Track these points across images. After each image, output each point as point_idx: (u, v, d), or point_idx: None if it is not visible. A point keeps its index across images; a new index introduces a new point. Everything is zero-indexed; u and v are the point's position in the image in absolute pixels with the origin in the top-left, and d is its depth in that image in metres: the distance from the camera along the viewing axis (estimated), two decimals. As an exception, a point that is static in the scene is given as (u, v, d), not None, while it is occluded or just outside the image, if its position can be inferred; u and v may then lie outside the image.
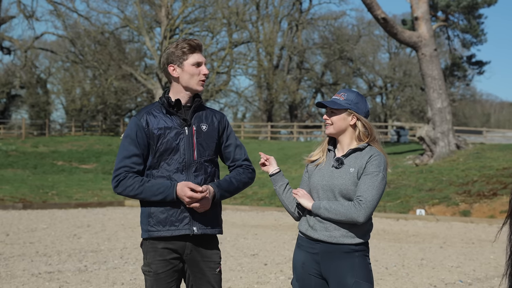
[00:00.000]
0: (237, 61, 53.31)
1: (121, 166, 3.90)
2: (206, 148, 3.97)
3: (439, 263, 10.26)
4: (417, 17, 25.54)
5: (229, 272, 9.19)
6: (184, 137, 3.92)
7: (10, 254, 10.56)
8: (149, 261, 3.91)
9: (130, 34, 52.52)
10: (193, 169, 3.92)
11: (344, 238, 3.75)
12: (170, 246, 3.90)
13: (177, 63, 3.94)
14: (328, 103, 3.88)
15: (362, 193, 3.72)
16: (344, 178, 3.81)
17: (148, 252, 3.93)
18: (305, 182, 3.97)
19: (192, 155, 3.92)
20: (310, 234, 3.82)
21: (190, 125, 3.95)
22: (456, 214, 18.20)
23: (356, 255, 3.76)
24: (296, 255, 3.92)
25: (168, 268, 3.90)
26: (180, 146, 3.91)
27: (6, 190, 22.35)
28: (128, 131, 3.93)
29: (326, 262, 3.77)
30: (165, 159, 3.90)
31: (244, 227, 15.54)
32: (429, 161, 24.87)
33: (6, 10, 50.95)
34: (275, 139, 49.66)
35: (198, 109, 4.03)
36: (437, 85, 25.31)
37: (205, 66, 3.99)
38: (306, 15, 56.35)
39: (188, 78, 3.94)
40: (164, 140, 3.89)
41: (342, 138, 3.92)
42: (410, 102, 59.14)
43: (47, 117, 54.87)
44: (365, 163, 3.81)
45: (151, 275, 3.90)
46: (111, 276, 8.74)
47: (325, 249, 3.77)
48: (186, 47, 3.94)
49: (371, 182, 3.74)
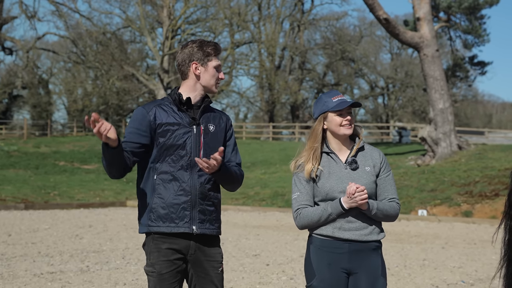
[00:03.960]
0: (239, 61, 53.32)
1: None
2: (212, 148, 3.99)
3: (441, 264, 10.25)
4: (419, 17, 25.53)
5: (231, 272, 9.18)
6: (192, 136, 3.95)
7: (12, 255, 10.57)
8: (153, 262, 3.90)
9: (132, 34, 52.59)
10: (197, 168, 3.93)
11: (372, 235, 3.87)
12: (174, 247, 3.90)
13: (201, 62, 4.00)
14: (356, 103, 3.93)
15: (394, 195, 3.93)
16: (365, 178, 3.86)
17: (152, 252, 3.92)
18: (307, 190, 3.90)
19: (198, 155, 3.94)
20: (338, 235, 3.83)
21: (198, 124, 3.99)
22: (458, 214, 18.19)
23: (379, 252, 3.92)
24: (316, 258, 3.89)
25: (172, 268, 3.89)
26: (187, 144, 3.93)
27: (8, 191, 22.37)
28: (133, 120, 3.97)
29: (356, 260, 3.84)
30: (170, 154, 3.92)
31: (246, 228, 15.54)
32: (431, 161, 24.86)
33: (8, 11, 51.03)
34: (276, 140, 49.67)
35: (207, 109, 4.07)
36: (439, 86, 25.29)
37: (221, 71, 4.11)
38: (308, 15, 56.34)
39: (209, 78, 4.01)
40: (172, 135, 3.92)
41: (348, 138, 3.95)
42: (412, 103, 59.12)
43: (49, 117, 54.93)
44: (379, 161, 3.93)
45: (154, 276, 3.89)
46: (113, 277, 8.75)
47: (355, 247, 3.84)
48: (212, 49, 4.02)
49: (393, 182, 3.95)
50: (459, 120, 58.36)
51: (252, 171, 28.52)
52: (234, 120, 61.91)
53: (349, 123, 3.89)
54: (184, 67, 4.02)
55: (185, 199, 3.89)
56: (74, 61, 51.93)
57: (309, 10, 56.60)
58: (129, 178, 28.29)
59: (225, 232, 14.34)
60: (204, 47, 4.00)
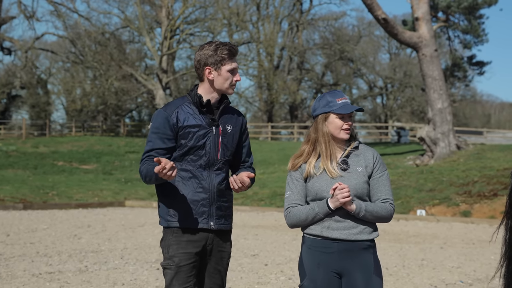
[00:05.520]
0: (238, 61, 53.27)
1: (144, 155, 4.07)
2: (229, 148, 4.15)
3: (439, 264, 10.26)
4: (418, 17, 25.54)
5: (229, 272, 9.17)
6: (211, 136, 4.07)
7: (11, 255, 10.56)
8: (172, 254, 4.01)
9: (131, 34, 52.56)
10: (215, 168, 4.08)
11: (362, 234, 3.85)
12: (194, 238, 4.03)
13: (214, 66, 4.06)
14: (360, 109, 3.92)
15: (388, 195, 3.90)
16: (355, 178, 3.85)
17: (171, 245, 4.03)
18: (299, 189, 3.93)
19: (217, 155, 4.09)
20: (327, 234, 3.83)
21: (217, 125, 4.09)
22: (456, 214, 18.20)
23: (371, 251, 3.88)
24: (307, 258, 3.91)
25: (190, 261, 4.00)
26: (207, 145, 4.05)
27: (6, 191, 22.36)
28: (156, 124, 4.06)
29: (346, 260, 3.83)
30: (190, 154, 4.05)
31: (244, 228, 15.54)
32: (430, 161, 24.88)
33: (7, 11, 51.00)
34: (275, 140, 49.67)
35: (225, 109, 4.16)
36: (438, 86, 25.31)
37: (237, 72, 4.16)
38: (306, 15, 56.35)
39: (222, 82, 4.09)
40: (193, 137, 4.02)
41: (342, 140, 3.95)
42: (411, 103, 59.16)
43: (48, 117, 54.89)
44: (372, 161, 3.90)
45: (172, 268, 3.99)
46: (111, 277, 8.74)
47: (344, 247, 3.83)
48: (226, 54, 4.07)
49: (387, 182, 3.92)
50: (457, 120, 58.39)
51: (251, 171, 28.50)
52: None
53: (349, 128, 3.90)
54: (199, 70, 4.11)
55: (204, 196, 4.05)
56: (72, 61, 51.89)
57: (308, 10, 56.61)
58: (128, 178, 28.28)
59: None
60: (218, 51, 4.06)
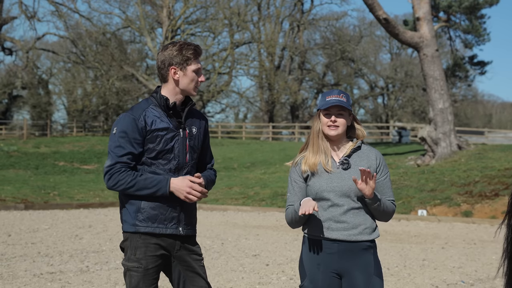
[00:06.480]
0: (239, 61, 53.33)
1: (115, 162, 3.92)
2: (196, 151, 4.12)
3: (441, 264, 10.25)
4: (419, 17, 25.53)
5: (230, 272, 9.18)
6: (179, 139, 4.01)
7: (12, 255, 10.57)
8: (139, 257, 3.98)
9: (132, 34, 52.59)
10: (184, 171, 4.03)
11: (362, 235, 3.85)
12: (161, 243, 4.00)
13: (179, 66, 4.00)
14: (345, 104, 3.87)
15: (391, 196, 3.95)
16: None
17: (139, 247, 3.98)
18: (296, 191, 3.94)
19: (185, 158, 4.04)
20: (327, 235, 3.84)
21: (184, 128, 4.05)
22: (457, 214, 18.18)
23: (372, 252, 3.89)
24: (308, 258, 3.92)
25: (157, 264, 4.00)
26: (175, 148, 3.99)
27: (8, 191, 22.37)
28: (123, 127, 3.93)
29: (346, 260, 3.84)
30: (159, 158, 3.98)
31: (245, 228, 15.54)
32: (431, 161, 24.85)
33: (8, 11, 50.98)
34: (276, 140, 49.66)
35: (189, 111, 4.13)
36: (439, 86, 25.29)
37: (202, 73, 4.12)
38: (307, 15, 56.35)
39: (188, 82, 4.02)
40: (161, 140, 3.96)
41: (340, 139, 3.94)
42: (412, 103, 59.14)
43: (49, 117, 54.91)
44: (376, 163, 3.91)
45: (139, 271, 3.97)
46: (112, 277, 8.74)
47: (344, 248, 3.84)
48: (191, 53, 4.01)
49: (390, 184, 3.96)
50: (459, 120, 58.36)
51: (252, 171, 28.52)
52: (234, 120, 61.97)
53: (334, 125, 3.87)
54: (163, 70, 4.03)
55: (174, 201, 3.98)
56: (73, 61, 51.92)
57: (309, 10, 56.61)
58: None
59: (225, 232, 14.35)
60: (183, 51, 3.99)
